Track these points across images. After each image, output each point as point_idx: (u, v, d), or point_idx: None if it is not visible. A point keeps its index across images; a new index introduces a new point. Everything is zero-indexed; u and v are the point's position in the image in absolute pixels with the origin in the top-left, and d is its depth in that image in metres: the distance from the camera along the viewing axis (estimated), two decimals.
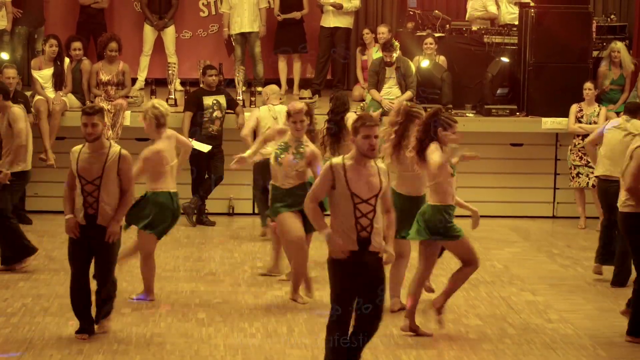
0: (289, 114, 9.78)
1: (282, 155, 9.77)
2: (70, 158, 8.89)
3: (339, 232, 7.56)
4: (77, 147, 8.91)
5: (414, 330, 9.13)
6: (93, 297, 8.97)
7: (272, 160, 9.87)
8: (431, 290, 9.86)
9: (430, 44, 14.65)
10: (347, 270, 7.55)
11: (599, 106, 13.97)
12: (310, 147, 9.84)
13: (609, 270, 11.14)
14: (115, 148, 8.86)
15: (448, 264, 10.21)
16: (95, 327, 8.96)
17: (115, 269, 9.01)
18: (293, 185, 9.77)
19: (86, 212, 8.75)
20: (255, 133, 12.59)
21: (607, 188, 11.12)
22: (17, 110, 11.19)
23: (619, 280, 10.93)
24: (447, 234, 8.95)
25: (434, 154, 8.83)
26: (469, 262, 9.15)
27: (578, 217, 14.12)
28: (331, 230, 7.58)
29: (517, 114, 14.46)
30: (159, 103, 10.23)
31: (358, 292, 7.61)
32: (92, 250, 8.83)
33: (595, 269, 11.39)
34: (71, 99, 14.13)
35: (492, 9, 15.90)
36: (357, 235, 7.54)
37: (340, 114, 11.29)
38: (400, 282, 9.79)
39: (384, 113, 13.83)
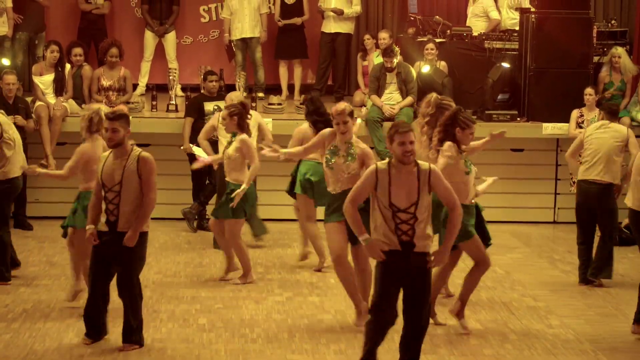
0: (332, 117, 9.48)
1: (333, 160, 9.41)
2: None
3: (380, 232, 7.69)
4: (105, 155, 8.78)
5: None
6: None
7: (323, 165, 9.53)
8: (450, 296, 10.05)
9: (431, 49, 14.64)
10: (391, 270, 7.69)
11: (599, 111, 13.95)
12: (360, 146, 9.42)
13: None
14: (135, 152, 8.68)
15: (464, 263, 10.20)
16: (122, 344, 8.81)
17: (137, 281, 8.76)
18: (342, 190, 9.32)
19: (108, 218, 8.66)
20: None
21: (591, 190, 11.13)
22: None
23: (597, 272, 11.10)
24: (462, 236, 8.96)
25: (440, 159, 8.93)
26: (480, 261, 9.26)
27: None
28: (369, 235, 7.72)
29: (518, 119, 14.46)
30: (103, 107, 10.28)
31: (404, 296, 7.76)
32: (113, 258, 8.71)
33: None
34: (72, 105, 14.12)
35: (494, 14, 15.86)
36: (397, 238, 7.65)
37: (324, 114, 11.10)
38: None
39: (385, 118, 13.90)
